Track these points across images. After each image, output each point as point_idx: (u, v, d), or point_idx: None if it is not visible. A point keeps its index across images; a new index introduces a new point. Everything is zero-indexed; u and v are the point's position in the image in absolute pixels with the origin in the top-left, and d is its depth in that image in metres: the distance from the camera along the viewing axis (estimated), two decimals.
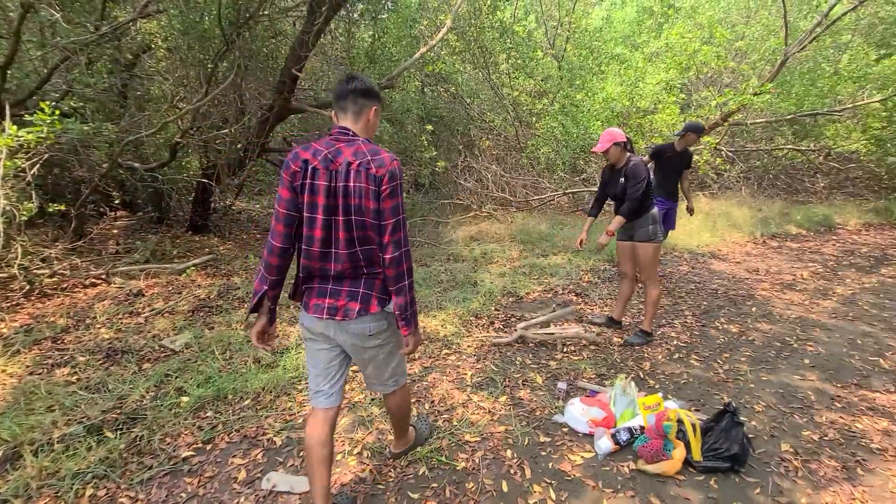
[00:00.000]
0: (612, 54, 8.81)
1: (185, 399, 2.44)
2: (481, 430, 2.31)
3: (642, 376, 2.91)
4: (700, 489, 1.98)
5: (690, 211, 4.69)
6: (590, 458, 2.15)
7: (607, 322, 3.59)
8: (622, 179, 3.12)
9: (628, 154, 3.15)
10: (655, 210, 3.18)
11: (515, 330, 3.27)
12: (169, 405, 2.39)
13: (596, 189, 4.13)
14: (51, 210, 3.83)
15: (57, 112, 3.48)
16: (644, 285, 3.32)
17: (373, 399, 2.54)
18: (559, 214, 7.36)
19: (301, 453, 2.12)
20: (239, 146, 5.28)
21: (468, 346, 3.23)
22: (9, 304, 3.41)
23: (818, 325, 3.73)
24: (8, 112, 3.63)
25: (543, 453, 2.18)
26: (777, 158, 9.77)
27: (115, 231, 5.48)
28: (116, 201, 6.14)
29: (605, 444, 2.16)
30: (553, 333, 3.24)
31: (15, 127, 3.32)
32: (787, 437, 2.33)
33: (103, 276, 3.94)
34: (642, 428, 2.20)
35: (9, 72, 4.02)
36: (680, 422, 2.14)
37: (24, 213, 3.47)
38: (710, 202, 7.94)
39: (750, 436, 2.25)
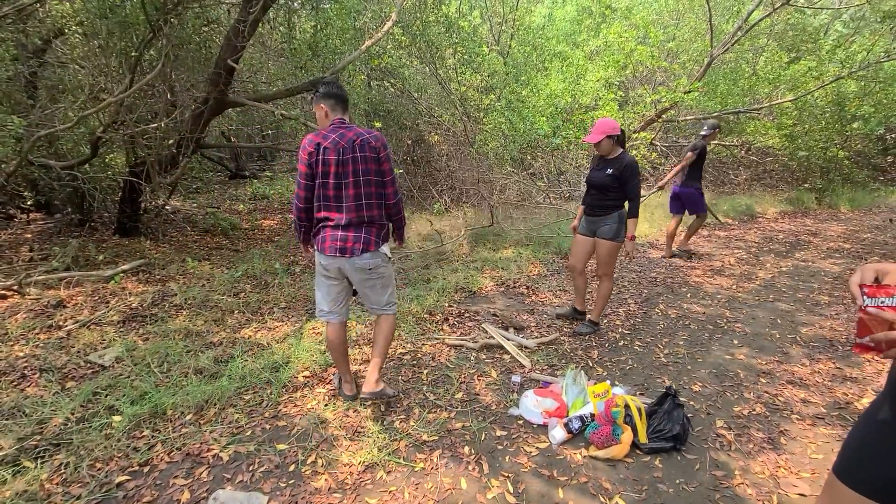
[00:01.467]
0: (554, 51, 9.04)
1: (117, 418, 2.24)
2: (438, 429, 2.31)
3: (591, 364, 3.02)
4: (647, 469, 2.09)
5: None
6: (545, 448, 2.21)
7: (572, 313, 3.65)
8: (609, 171, 3.09)
9: (620, 149, 3.14)
10: (624, 210, 3.18)
11: (476, 340, 3.22)
12: (99, 426, 2.19)
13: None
14: None
15: None
16: (599, 279, 3.37)
17: (326, 404, 2.47)
18: (508, 208, 7.48)
19: (250, 468, 2.01)
20: (171, 141, 4.92)
21: (423, 344, 3.21)
22: None
23: (744, 306, 4.05)
24: None
25: (500, 447, 2.21)
26: None
27: (29, 236, 4.95)
28: (29, 202, 5.56)
29: (558, 433, 2.22)
30: (511, 340, 3.27)
31: None
32: (721, 413, 2.52)
33: (15, 287, 3.55)
34: (593, 415, 2.29)
35: None
36: (627, 407, 2.24)
37: None
38: (647, 194, 8.38)
39: (689, 415, 2.40)
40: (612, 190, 3.13)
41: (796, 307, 4.06)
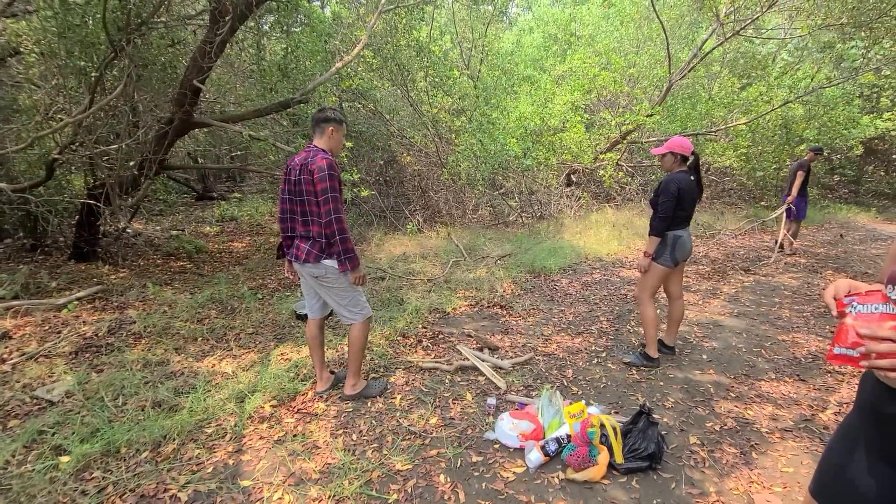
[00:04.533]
0: (523, 76, 9.32)
1: (64, 459, 2.08)
2: (413, 457, 2.24)
3: (566, 384, 3.02)
4: (624, 490, 2.07)
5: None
6: (521, 472, 2.16)
7: (659, 348, 3.40)
8: (657, 188, 3.03)
9: (680, 168, 3.00)
10: (671, 233, 3.01)
11: (451, 362, 3.18)
12: (43, 469, 2.02)
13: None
14: None
15: None
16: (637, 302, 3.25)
17: (295, 435, 2.36)
18: (481, 228, 7.54)
19: None
20: (132, 163, 4.76)
21: (396, 368, 3.14)
22: None
23: (711, 322, 4.15)
24: None
25: (476, 473, 2.15)
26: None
27: None
28: None
29: (535, 456, 2.18)
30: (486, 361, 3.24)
31: None
32: (694, 429, 2.54)
33: None
34: (569, 436, 2.27)
35: None
36: (602, 427, 2.23)
37: None
38: (615, 213, 8.62)
39: (663, 432, 2.41)
40: (655, 208, 3.04)
41: (759, 322, 4.19)
